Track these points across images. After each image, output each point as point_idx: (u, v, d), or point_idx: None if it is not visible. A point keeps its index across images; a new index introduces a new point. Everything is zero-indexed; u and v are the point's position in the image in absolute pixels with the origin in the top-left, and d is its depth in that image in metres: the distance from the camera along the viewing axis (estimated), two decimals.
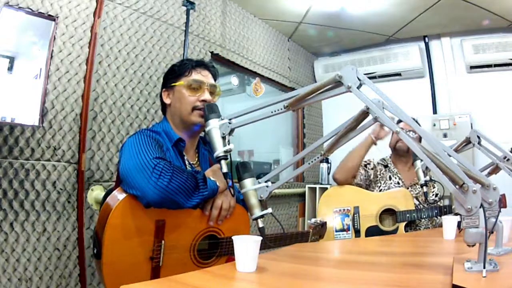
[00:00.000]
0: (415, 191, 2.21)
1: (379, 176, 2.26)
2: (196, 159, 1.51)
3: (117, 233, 1.12)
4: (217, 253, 1.32)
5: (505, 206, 2.02)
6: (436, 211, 2.01)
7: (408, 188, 2.19)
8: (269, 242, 1.37)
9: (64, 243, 1.94)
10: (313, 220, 1.70)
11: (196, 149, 1.52)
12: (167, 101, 1.47)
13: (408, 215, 2.02)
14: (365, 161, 2.30)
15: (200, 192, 1.20)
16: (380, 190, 2.24)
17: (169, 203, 1.14)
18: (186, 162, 1.41)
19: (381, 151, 2.42)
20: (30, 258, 1.80)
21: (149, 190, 1.10)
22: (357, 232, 2.09)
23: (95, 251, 1.19)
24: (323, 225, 1.70)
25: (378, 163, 2.32)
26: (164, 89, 1.48)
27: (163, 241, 1.19)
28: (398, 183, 2.24)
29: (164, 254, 1.20)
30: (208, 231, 1.30)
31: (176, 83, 1.43)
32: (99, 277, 1.95)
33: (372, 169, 2.28)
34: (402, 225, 2.03)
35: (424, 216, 2.03)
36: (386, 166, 2.31)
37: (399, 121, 1.00)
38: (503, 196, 2.02)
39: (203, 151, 1.53)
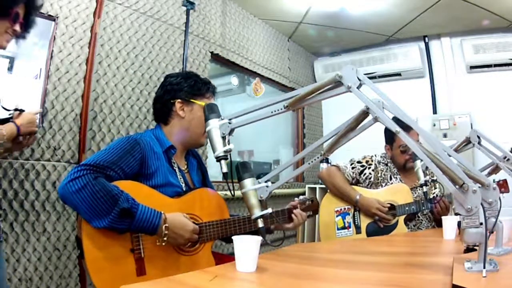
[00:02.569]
0: (415, 194, 2.21)
1: (380, 178, 2.25)
2: (186, 166, 1.55)
3: (93, 230, 1.15)
4: (200, 239, 1.33)
5: (508, 191, 2.00)
6: (435, 202, 2.02)
7: None
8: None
9: (64, 243, 1.93)
10: (301, 197, 1.72)
11: (185, 157, 1.57)
12: (181, 113, 1.46)
13: (407, 208, 2.06)
14: (367, 161, 2.27)
15: (111, 218, 1.13)
16: None
17: (72, 208, 1.20)
18: (176, 169, 1.44)
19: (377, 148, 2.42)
20: (30, 258, 1.80)
21: (61, 184, 1.16)
22: (358, 229, 2.12)
23: (79, 251, 1.21)
24: (313, 201, 1.71)
25: (379, 162, 2.29)
26: (179, 100, 1.46)
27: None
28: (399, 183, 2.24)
29: (144, 245, 1.21)
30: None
31: (197, 101, 1.46)
32: (88, 276, 1.96)
33: (373, 170, 2.26)
34: (401, 219, 2.06)
35: (423, 208, 2.06)
36: (386, 165, 2.29)
37: (398, 120, 1.00)
38: (504, 181, 2.01)
39: (191, 160, 1.58)
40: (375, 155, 2.33)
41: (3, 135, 1.22)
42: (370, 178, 2.25)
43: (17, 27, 1.42)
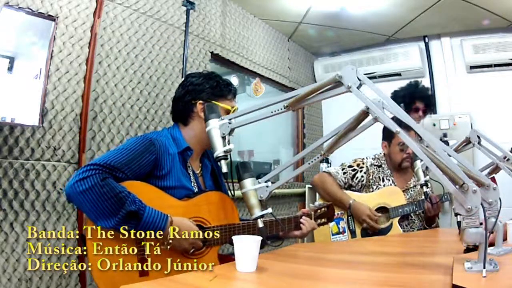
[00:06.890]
0: (407, 195, 2.21)
1: (371, 181, 2.24)
2: (200, 169, 1.52)
3: (97, 229, 1.15)
4: (206, 243, 1.30)
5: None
6: (435, 202, 2.03)
7: None
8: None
9: (64, 243, 1.93)
10: (316, 203, 1.65)
11: (200, 159, 1.53)
12: (202, 115, 1.42)
13: (400, 210, 2.07)
14: (358, 164, 2.25)
15: (117, 220, 1.13)
16: None
17: (78, 207, 1.20)
18: (190, 172, 1.42)
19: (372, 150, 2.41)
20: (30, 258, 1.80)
21: (68, 183, 1.15)
22: (353, 233, 2.12)
23: (83, 249, 1.22)
24: (329, 207, 1.63)
25: (371, 164, 2.27)
26: (201, 101, 1.43)
27: None
28: (391, 185, 2.23)
29: (148, 245, 1.20)
30: (193, 221, 1.29)
31: (219, 103, 1.42)
32: (88, 276, 1.96)
33: (365, 173, 2.23)
34: (395, 221, 2.07)
35: (416, 209, 2.07)
36: (379, 166, 2.28)
37: (397, 119, 1.00)
38: (492, 178, 1.98)
39: (206, 162, 1.54)
40: (367, 158, 2.31)
41: None
42: (362, 181, 2.23)
43: None
